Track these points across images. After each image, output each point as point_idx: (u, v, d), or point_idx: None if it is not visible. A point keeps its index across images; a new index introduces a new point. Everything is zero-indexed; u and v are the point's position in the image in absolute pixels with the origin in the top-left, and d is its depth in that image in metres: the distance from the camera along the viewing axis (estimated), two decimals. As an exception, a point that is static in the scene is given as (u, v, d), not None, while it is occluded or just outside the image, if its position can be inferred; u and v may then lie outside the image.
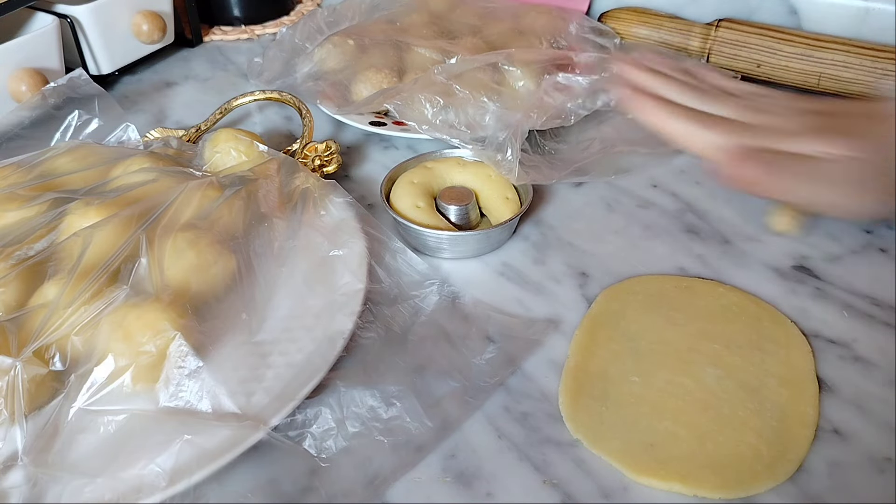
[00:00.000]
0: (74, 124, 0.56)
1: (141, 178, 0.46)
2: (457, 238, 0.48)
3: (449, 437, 0.38)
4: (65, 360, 0.37)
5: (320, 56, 0.64)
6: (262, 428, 0.35)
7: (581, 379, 0.40)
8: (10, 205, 0.44)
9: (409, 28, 0.67)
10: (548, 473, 0.36)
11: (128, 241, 0.40)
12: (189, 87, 0.71)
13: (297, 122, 0.65)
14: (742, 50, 0.65)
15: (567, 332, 0.43)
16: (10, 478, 0.34)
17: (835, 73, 0.62)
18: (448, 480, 0.36)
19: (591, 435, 0.37)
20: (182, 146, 0.53)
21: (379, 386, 0.39)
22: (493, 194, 0.51)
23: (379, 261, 0.45)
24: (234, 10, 0.81)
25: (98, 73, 0.69)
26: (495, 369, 0.40)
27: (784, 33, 0.64)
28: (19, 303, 0.39)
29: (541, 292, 0.46)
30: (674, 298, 0.44)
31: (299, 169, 0.49)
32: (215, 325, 0.40)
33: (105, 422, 0.36)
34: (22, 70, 0.61)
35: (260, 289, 0.42)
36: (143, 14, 0.69)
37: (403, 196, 0.50)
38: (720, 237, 0.50)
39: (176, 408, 0.36)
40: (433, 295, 0.44)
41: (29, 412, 0.36)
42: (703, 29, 0.66)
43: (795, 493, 0.35)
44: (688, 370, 0.40)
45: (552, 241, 0.50)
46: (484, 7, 0.70)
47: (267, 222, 0.45)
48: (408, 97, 0.55)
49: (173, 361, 0.37)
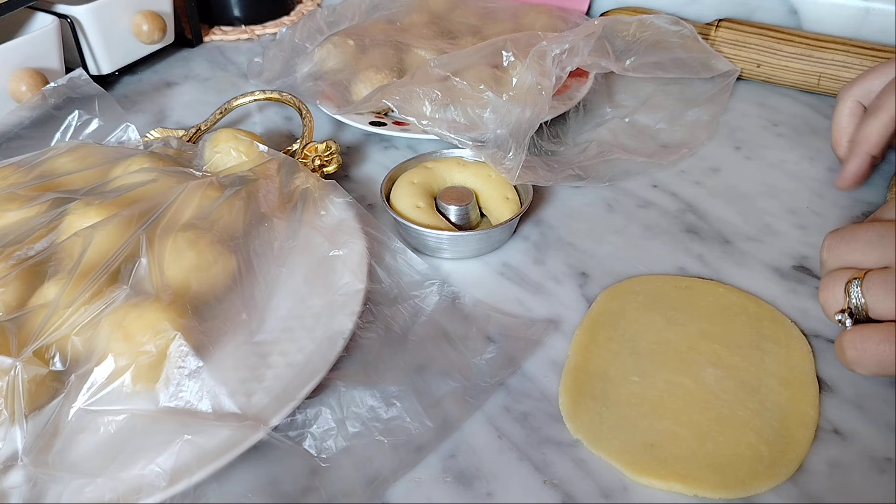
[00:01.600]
0: (74, 124, 0.56)
1: (141, 178, 0.46)
2: (457, 238, 0.48)
3: (449, 437, 0.38)
4: (65, 360, 0.37)
5: (320, 56, 0.64)
6: (262, 428, 0.35)
7: (581, 379, 0.40)
8: (10, 205, 0.44)
9: (409, 28, 0.67)
10: (548, 473, 0.36)
11: (128, 241, 0.40)
12: (189, 87, 0.71)
13: (297, 122, 0.65)
14: (742, 50, 0.65)
15: (567, 332, 0.43)
16: (10, 478, 0.34)
17: (835, 73, 0.62)
18: (448, 480, 0.36)
19: (591, 435, 0.37)
20: (182, 146, 0.53)
21: (379, 386, 0.39)
22: (493, 194, 0.51)
23: (379, 261, 0.45)
24: (234, 10, 0.81)
25: (98, 73, 0.69)
26: (495, 369, 0.40)
27: (784, 33, 0.64)
28: (19, 303, 0.39)
29: (541, 292, 0.46)
30: (674, 298, 0.44)
31: (299, 169, 0.49)
32: (215, 325, 0.40)
33: (105, 422, 0.36)
34: (22, 70, 0.61)
35: (260, 289, 0.42)
36: (143, 14, 0.69)
37: (403, 196, 0.50)
38: (720, 237, 0.50)
39: (176, 408, 0.36)
40: (433, 295, 0.44)
41: (29, 412, 0.36)
42: (703, 29, 0.66)
43: (795, 493, 0.35)
44: (688, 370, 0.40)
45: (552, 241, 0.50)
46: (484, 7, 0.70)
47: (267, 222, 0.45)
48: (406, 93, 0.55)
49: (173, 361, 0.37)
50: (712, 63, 0.63)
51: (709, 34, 0.66)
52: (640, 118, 0.61)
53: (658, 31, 0.61)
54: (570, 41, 0.54)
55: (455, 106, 0.55)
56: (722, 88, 0.63)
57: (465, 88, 0.55)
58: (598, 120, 0.61)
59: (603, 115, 0.62)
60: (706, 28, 0.66)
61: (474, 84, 0.55)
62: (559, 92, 0.59)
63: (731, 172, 0.56)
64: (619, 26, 0.60)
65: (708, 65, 0.63)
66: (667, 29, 0.62)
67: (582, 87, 0.61)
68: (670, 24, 0.62)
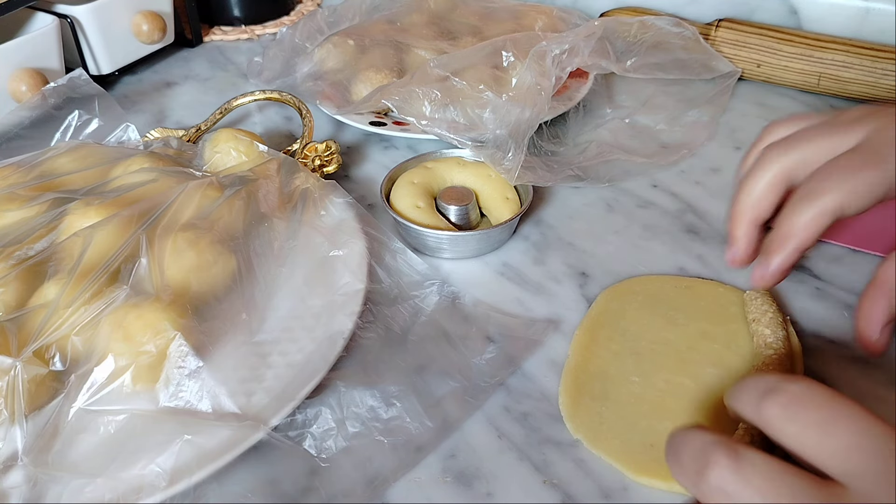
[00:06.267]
0: (74, 124, 0.56)
1: (141, 178, 0.46)
2: (457, 238, 0.48)
3: (449, 437, 0.38)
4: (65, 360, 0.37)
5: (320, 56, 0.64)
6: (262, 428, 0.35)
7: (581, 379, 0.40)
8: (10, 205, 0.44)
9: (410, 28, 0.67)
10: (548, 473, 0.36)
11: (128, 241, 0.40)
12: (189, 87, 0.71)
13: (297, 122, 0.65)
14: (742, 50, 0.65)
15: (567, 332, 0.43)
16: (10, 478, 0.34)
17: (835, 73, 0.62)
18: (448, 480, 0.36)
19: (591, 435, 0.37)
20: (182, 146, 0.53)
21: (379, 386, 0.39)
22: (493, 194, 0.51)
23: (379, 261, 0.45)
24: (234, 10, 0.81)
25: (98, 73, 0.69)
26: (495, 369, 0.40)
27: (784, 33, 0.64)
28: (19, 303, 0.39)
29: (541, 292, 0.46)
30: (674, 298, 0.44)
31: (299, 169, 0.49)
32: (215, 325, 0.40)
33: (105, 422, 0.36)
34: (22, 70, 0.61)
35: (260, 289, 0.42)
36: (143, 14, 0.69)
37: (403, 196, 0.50)
38: (720, 237, 0.50)
39: (176, 408, 0.36)
40: (433, 295, 0.44)
41: (29, 412, 0.36)
42: (703, 29, 0.66)
43: (795, 493, 0.35)
44: (688, 370, 0.40)
45: (552, 241, 0.50)
46: (484, 7, 0.70)
47: (267, 222, 0.45)
48: (406, 93, 0.55)
49: (173, 361, 0.37)
50: (713, 64, 0.63)
51: (709, 34, 0.66)
52: (641, 119, 0.61)
53: (659, 32, 0.61)
54: (570, 41, 0.54)
55: (455, 106, 0.55)
56: (722, 89, 0.63)
57: (464, 88, 0.55)
58: (598, 120, 0.61)
59: (603, 116, 0.62)
60: (706, 28, 0.66)
61: (474, 84, 0.55)
62: (559, 92, 0.59)
63: (731, 172, 0.55)
64: (620, 27, 0.60)
65: (709, 66, 0.63)
66: (668, 30, 0.62)
67: (582, 87, 0.61)
68: (672, 25, 0.62)
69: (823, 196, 0.36)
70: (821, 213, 0.36)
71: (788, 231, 0.37)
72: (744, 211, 0.40)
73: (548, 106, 0.53)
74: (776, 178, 0.39)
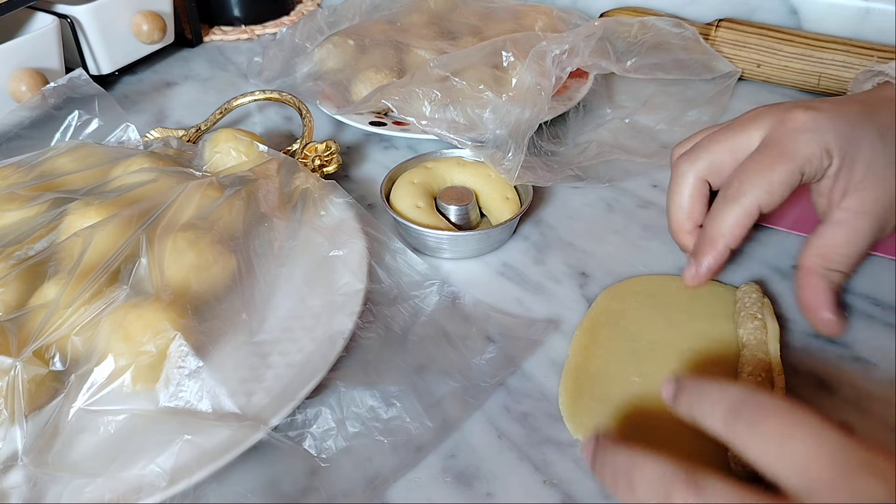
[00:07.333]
0: (74, 124, 0.56)
1: (141, 178, 0.46)
2: (457, 238, 0.48)
3: (449, 437, 0.38)
4: (65, 360, 0.37)
5: (320, 56, 0.64)
6: (262, 428, 0.35)
7: (581, 379, 0.40)
8: (10, 205, 0.44)
9: (410, 28, 0.67)
10: (548, 473, 0.36)
11: (128, 241, 0.40)
12: (189, 87, 0.71)
13: (297, 122, 0.65)
14: (742, 50, 0.65)
15: (567, 332, 0.43)
16: (10, 478, 0.34)
17: (835, 73, 0.62)
18: (448, 480, 0.36)
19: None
20: (182, 146, 0.53)
21: (379, 386, 0.39)
22: (493, 194, 0.51)
23: (379, 261, 0.45)
24: (234, 10, 0.81)
25: (98, 73, 0.69)
26: (495, 369, 0.40)
27: (784, 33, 0.64)
28: (19, 303, 0.39)
29: (541, 292, 0.46)
30: (674, 298, 0.44)
31: (299, 169, 0.49)
32: (215, 325, 0.40)
33: (105, 422, 0.36)
34: (22, 70, 0.61)
35: (260, 289, 0.42)
36: (143, 14, 0.69)
37: (403, 196, 0.50)
38: (720, 237, 0.50)
39: (176, 408, 0.36)
40: (433, 295, 0.44)
41: (29, 412, 0.36)
42: (703, 29, 0.66)
43: (795, 493, 0.35)
44: (688, 370, 0.40)
45: (552, 241, 0.50)
46: (484, 7, 0.70)
47: (267, 222, 0.45)
48: (406, 93, 0.55)
49: (173, 361, 0.37)
50: (713, 64, 0.63)
51: (709, 34, 0.66)
52: (641, 119, 0.61)
53: (660, 32, 0.62)
54: (571, 42, 0.54)
55: (455, 106, 0.55)
56: (722, 90, 0.63)
57: (464, 89, 0.55)
58: (598, 121, 0.61)
59: (603, 116, 0.62)
60: (706, 28, 0.67)
61: (474, 84, 0.55)
62: (559, 92, 0.59)
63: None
64: (621, 27, 0.60)
65: (709, 66, 0.63)
66: (668, 31, 0.62)
67: (582, 87, 0.61)
68: (672, 26, 0.62)
69: (743, 197, 0.40)
70: (744, 212, 0.40)
71: (716, 232, 0.41)
72: (681, 222, 0.44)
73: (548, 106, 0.53)
74: (695, 183, 0.43)
